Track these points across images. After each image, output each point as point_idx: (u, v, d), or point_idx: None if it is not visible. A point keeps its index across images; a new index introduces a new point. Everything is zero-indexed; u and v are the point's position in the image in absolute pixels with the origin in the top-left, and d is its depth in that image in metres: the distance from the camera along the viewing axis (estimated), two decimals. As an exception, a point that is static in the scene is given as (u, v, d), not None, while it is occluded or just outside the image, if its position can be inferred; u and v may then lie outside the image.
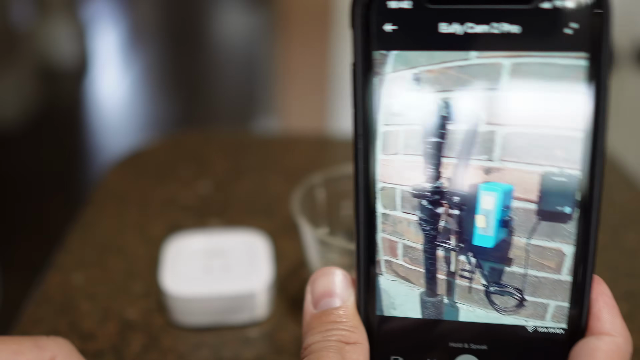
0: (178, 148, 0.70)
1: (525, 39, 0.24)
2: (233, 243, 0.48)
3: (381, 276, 0.27)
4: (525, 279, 0.26)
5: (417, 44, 0.24)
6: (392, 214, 0.26)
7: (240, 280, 0.44)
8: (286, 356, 0.42)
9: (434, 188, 0.26)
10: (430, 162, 0.25)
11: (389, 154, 0.26)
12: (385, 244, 0.26)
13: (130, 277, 0.49)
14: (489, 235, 0.26)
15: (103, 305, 0.46)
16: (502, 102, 0.24)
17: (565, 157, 0.24)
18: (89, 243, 0.53)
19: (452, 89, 0.24)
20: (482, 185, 0.25)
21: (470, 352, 0.27)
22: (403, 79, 0.25)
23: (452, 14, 0.24)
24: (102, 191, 0.61)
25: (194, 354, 0.42)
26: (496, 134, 0.25)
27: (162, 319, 0.45)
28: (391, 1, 0.24)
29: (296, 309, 0.46)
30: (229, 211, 0.58)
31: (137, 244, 0.53)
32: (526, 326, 0.26)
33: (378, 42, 0.24)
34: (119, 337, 0.43)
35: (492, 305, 0.26)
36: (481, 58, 0.24)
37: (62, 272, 0.49)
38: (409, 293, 0.27)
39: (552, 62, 0.24)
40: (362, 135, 0.25)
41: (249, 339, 0.44)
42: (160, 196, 0.60)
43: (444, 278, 0.26)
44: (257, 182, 0.63)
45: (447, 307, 0.27)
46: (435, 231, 0.26)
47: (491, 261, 0.26)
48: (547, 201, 0.25)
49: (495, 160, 0.25)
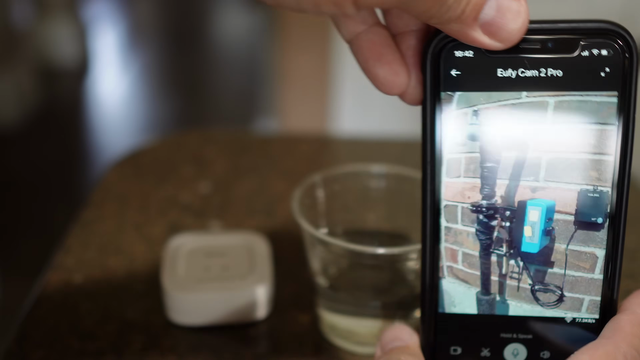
0: (178, 148, 0.70)
1: (567, 81, 0.29)
2: (233, 243, 0.48)
3: (443, 279, 0.32)
4: (564, 278, 0.31)
5: (478, 86, 0.29)
6: (453, 227, 0.31)
7: (240, 280, 0.44)
8: (286, 356, 0.42)
9: (489, 204, 0.31)
10: (487, 183, 0.31)
11: (452, 177, 0.31)
12: (448, 252, 0.31)
13: (130, 277, 0.49)
14: (535, 242, 0.31)
15: (103, 305, 0.46)
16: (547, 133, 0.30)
17: (598, 177, 0.30)
18: (89, 243, 0.53)
19: (506, 122, 0.30)
20: (529, 201, 0.31)
21: (518, 341, 0.32)
22: (465, 114, 0.30)
23: (507, 61, 0.29)
24: (102, 191, 0.61)
25: (194, 354, 0.42)
26: (541, 159, 0.30)
27: (162, 319, 0.45)
28: (457, 51, 0.29)
29: (296, 309, 0.46)
30: (228, 211, 0.58)
31: (137, 244, 0.53)
32: (565, 318, 0.31)
33: (445, 84, 0.29)
34: (119, 337, 0.43)
35: (537, 301, 0.31)
36: (530, 97, 0.29)
37: (62, 272, 0.49)
38: (467, 292, 0.32)
39: (589, 99, 0.29)
40: (430, 162, 0.30)
41: (249, 339, 0.44)
42: (160, 196, 0.60)
43: (496, 279, 0.31)
44: (257, 182, 0.63)
45: (498, 303, 0.32)
46: (489, 240, 0.31)
47: (536, 264, 0.31)
48: (583, 213, 0.30)
49: (541, 181, 0.30)
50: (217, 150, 0.70)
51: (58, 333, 0.43)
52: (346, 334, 0.43)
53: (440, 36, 0.29)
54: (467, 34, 0.28)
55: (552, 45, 0.29)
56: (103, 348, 0.42)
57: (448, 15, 0.26)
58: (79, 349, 0.42)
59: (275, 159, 0.68)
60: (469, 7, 0.26)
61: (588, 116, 0.29)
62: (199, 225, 0.56)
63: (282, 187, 0.61)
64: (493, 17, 0.27)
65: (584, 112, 0.29)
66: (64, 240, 0.54)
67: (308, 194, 0.44)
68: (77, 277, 0.49)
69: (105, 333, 0.43)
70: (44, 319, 0.44)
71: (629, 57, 0.28)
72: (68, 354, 0.41)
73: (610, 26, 0.28)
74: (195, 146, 0.71)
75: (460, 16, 0.27)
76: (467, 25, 0.27)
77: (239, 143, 0.72)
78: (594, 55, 0.29)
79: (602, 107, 0.29)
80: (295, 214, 0.41)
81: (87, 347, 0.42)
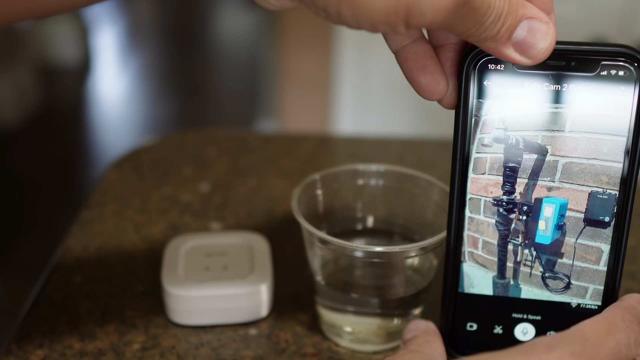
0: (178, 148, 0.70)
1: (585, 96, 0.33)
2: (233, 242, 0.48)
3: (464, 263, 0.36)
4: (572, 268, 0.35)
5: (506, 96, 0.33)
6: (476, 218, 0.35)
7: (240, 280, 0.44)
8: (286, 356, 0.42)
9: (509, 200, 0.35)
10: (508, 181, 0.35)
11: (478, 174, 0.35)
12: (470, 239, 0.36)
13: (130, 277, 0.49)
14: (547, 235, 0.35)
15: (103, 305, 0.46)
16: (564, 140, 0.34)
17: (607, 181, 0.34)
18: (89, 243, 0.53)
19: (529, 129, 0.34)
20: (545, 199, 0.35)
21: (527, 321, 0.36)
22: (493, 120, 0.34)
23: (534, 76, 0.33)
24: (102, 191, 0.61)
25: (194, 354, 0.42)
26: (558, 163, 0.34)
27: (162, 319, 0.45)
28: (491, 64, 0.33)
29: (296, 309, 0.46)
30: (228, 211, 0.58)
31: (137, 244, 0.53)
32: (571, 303, 0.36)
33: (478, 93, 0.33)
34: (119, 337, 0.43)
35: (546, 287, 0.36)
36: (552, 108, 0.33)
37: (62, 272, 0.49)
38: (485, 276, 0.36)
39: (603, 113, 0.33)
40: (459, 159, 0.34)
41: (249, 339, 0.44)
42: (160, 196, 0.60)
43: (511, 265, 0.36)
44: (257, 182, 0.63)
45: (512, 287, 0.36)
46: (507, 231, 0.35)
47: (548, 254, 0.35)
48: (592, 212, 0.34)
49: (556, 181, 0.34)
50: (217, 150, 0.70)
51: (58, 333, 0.43)
52: (345, 333, 0.43)
53: (476, 51, 0.33)
54: (501, 51, 0.31)
55: (575, 64, 0.33)
56: (103, 348, 0.42)
57: (485, 34, 0.30)
58: (79, 349, 0.42)
59: (275, 159, 0.68)
60: (504, 27, 0.30)
61: (602, 128, 0.33)
62: (199, 225, 0.56)
63: (282, 187, 0.61)
64: (524, 37, 0.31)
65: (598, 124, 0.33)
66: (64, 240, 0.54)
67: (307, 193, 0.44)
68: (77, 277, 0.49)
69: (105, 333, 0.43)
70: (44, 319, 0.44)
71: None
72: (68, 354, 0.42)
73: (629, 50, 0.32)
74: (195, 146, 0.71)
75: (495, 36, 0.31)
76: (501, 43, 0.31)
77: (239, 143, 0.72)
78: (612, 75, 0.32)
79: (615, 121, 0.33)
80: (295, 213, 0.41)
81: (87, 347, 0.42)
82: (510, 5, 0.30)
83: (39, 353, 0.41)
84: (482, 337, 0.37)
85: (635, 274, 0.51)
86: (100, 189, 0.62)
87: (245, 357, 0.42)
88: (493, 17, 0.29)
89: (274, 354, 0.42)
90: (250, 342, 0.43)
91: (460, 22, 0.29)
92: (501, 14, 0.30)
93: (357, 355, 0.43)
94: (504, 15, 0.30)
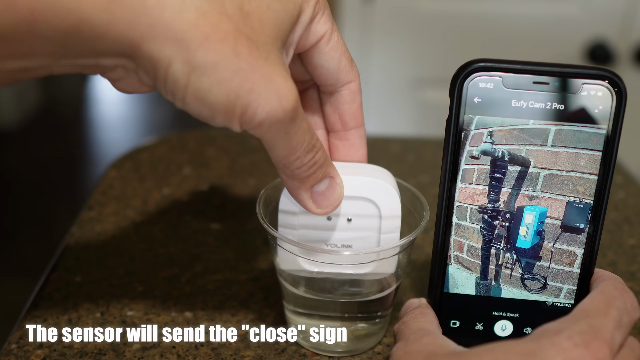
0: (178, 148, 0.71)
1: (567, 114, 0.36)
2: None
3: (450, 265, 0.39)
4: (549, 270, 0.38)
5: (494, 112, 0.36)
6: (462, 224, 0.38)
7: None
8: (286, 356, 0.42)
9: (494, 207, 0.37)
10: (493, 190, 0.37)
11: (466, 183, 0.37)
12: (456, 243, 0.38)
13: (130, 277, 0.49)
14: (527, 240, 0.38)
15: (103, 305, 0.46)
16: (546, 153, 0.36)
17: (583, 192, 0.37)
18: (89, 243, 0.53)
19: (514, 143, 0.36)
20: (526, 207, 0.37)
21: (506, 318, 0.39)
22: (481, 134, 0.36)
23: (520, 94, 0.36)
24: (102, 191, 0.61)
25: (194, 354, 0.42)
26: (540, 174, 0.37)
27: (162, 318, 0.45)
28: (481, 83, 0.35)
29: (296, 309, 0.46)
30: (228, 211, 0.58)
31: (137, 244, 0.53)
32: (546, 301, 0.39)
33: (468, 109, 0.36)
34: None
35: (525, 287, 0.39)
36: (536, 124, 0.36)
37: (62, 272, 0.49)
38: (468, 277, 0.39)
39: (582, 130, 0.36)
40: (449, 169, 0.37)
41: (249, 339, 0.44)
42: (160, 196, 0.60)
43: (493, 268, 0.38)
44: (257, 182, 0.63)
45: (493, 287, 0.39)
46: (491, 236, 0.38)
47: (527, 258, 0.38)
48: (569, 219, 0.37)
49: (537, 191, 0.37)
50: (217, 150, 0.70)
51: (58, 333, 0.43)
52: (309, 336, 0.42)
53: (468, 70, 0.35)
54: (300, 194, 0.37)
55: (559, 84, 0.35)
56: (103, 348, 0.42)
57: (297, 171, 0.35)
58: (79, 349, 0.42)
59: (275, 159, 0.68)
60: (313, 175, 0.36)
61: (580, 143, 0.36)
62: (199, 225, 0.56)
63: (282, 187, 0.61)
64: (324, 191, 0.37)
65: (577, 140, 0.36)
66: (64, 240, 0.54)
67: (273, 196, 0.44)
68: (77, 277, 0.49)
69: (105, 333, 0.43)
70: (44, 319, 0.44)
71: (617, 99, 0.35)
72: (68, 354, 0.42)
73: (608, 73, 0.35)
74: (195, 146, 0.71)
75: (304, 178, 0.36)
76: (304, 188, 0.36)
77: (239, 143, 0.72)
78: (591, 95, 0.35)
79: (592, 137, 0.36)
80: (258, 214, 0.41)
81: (87, 347, 0.42)
82: (325, 160, 0.36)
83: (39, 353, 0.41)
84: (464, 333, 0.39)
85: (635, 274, 0.51)
86: (101, 189, 0.62)
87: (245, 357, 0.42)
88: (305, 147, 0.34)
89: (274, 354, 0.42)
90: (250, 342, 0.43)
91: (279, 142, 0.33)
92: (315, 159, 0.35)
93: (357, 355, 0.43)
94: (318, 165, 0.35)
